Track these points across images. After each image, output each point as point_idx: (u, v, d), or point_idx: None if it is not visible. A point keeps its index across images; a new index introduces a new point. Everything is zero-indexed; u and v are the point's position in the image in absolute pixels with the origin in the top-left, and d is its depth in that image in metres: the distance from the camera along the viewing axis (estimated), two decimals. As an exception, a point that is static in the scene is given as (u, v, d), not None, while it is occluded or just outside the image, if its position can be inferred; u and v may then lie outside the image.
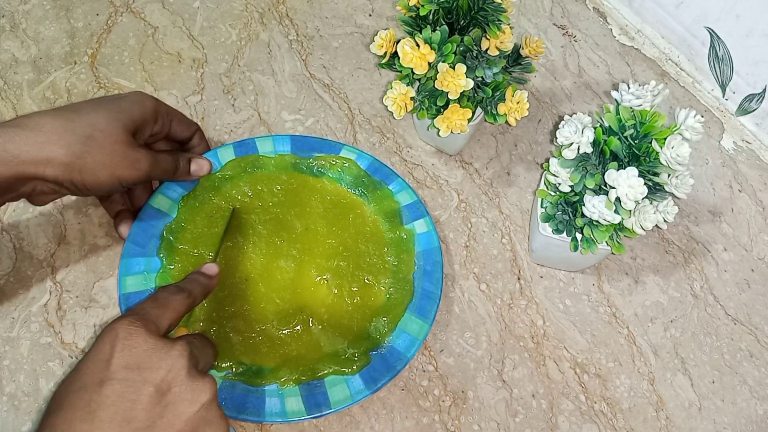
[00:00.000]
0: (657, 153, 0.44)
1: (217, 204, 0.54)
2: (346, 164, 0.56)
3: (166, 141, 0.52)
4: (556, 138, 0.47)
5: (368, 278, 0.52)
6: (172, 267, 0.51)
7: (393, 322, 0.50)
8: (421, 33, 0.48)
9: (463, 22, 0.50)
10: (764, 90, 0.62)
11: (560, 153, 0.46)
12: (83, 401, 0.33)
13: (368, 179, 0.56)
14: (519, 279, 0.55)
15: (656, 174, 0.45)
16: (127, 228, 0.51)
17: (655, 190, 0.45)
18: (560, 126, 0.47)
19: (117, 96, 0.47)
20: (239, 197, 0.54)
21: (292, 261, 0.52)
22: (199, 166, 0.52)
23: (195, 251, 0.52)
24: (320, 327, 0.50)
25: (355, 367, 0.48)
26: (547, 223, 0.51)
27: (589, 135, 0.46)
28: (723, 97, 0.67)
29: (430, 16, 0.50)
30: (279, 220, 0.53)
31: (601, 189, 0.46)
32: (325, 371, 0.48)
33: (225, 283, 0.50)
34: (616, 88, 0.48)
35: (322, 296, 0.51)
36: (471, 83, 0.48)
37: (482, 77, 0.50)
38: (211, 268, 0.46)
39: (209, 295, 0.49)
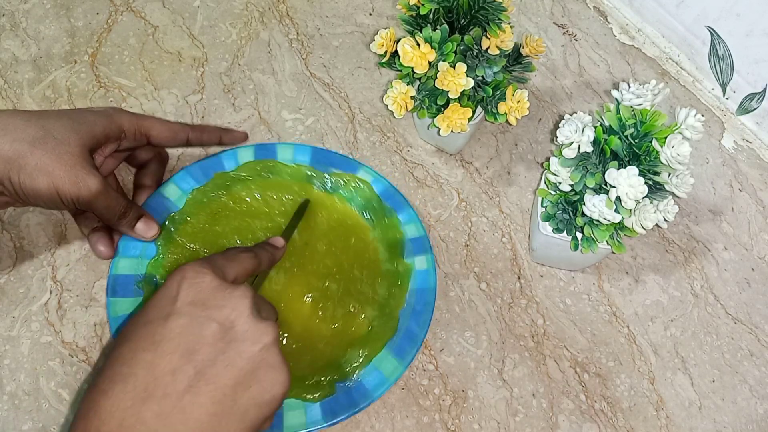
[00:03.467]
0: (657, 152, 0.44)
1: (225, 203, 0.54)
2: (361, 185, 0.55)
3: (143, 167, 0.52)
4: (557, 137, 0.47)
5: (354, 306, 0.50)
6: (165, 257, 0.51)
7: (368, 357, 0.48)
8: (421, 32, 0.48)
9: (463, 21, 0.50)
10: (765, 89, 0.62)
11: (560, 152, 0.46)
12: (149, 333, 0.35)
13: (379, 204, 0.55)
14: (519, 278, 0.55)
15: (657, 173, 0.45)
16: (105, 247, 0.49)
17: (655, 190, 0.45)
18: (560, 125, 0.47)
19: (89, 108, 0.46)
20: (248, 199, 0.54)
21: (283, 273, 0.51)
22: (147, 227, 0.48)
23: (191, 245, 0.52)
24: (294, 346, 0.48)
25: (317, 395, 0.46)
26: (547, 222, 0.51)
27: (590, 134, 0.46)
28: (723, 96, 0.66)
29: (431, 15, 0.50)
30: (281, 230, 0.53)
31: (602, 188, 0.46)
32: None
33: None
34: (616, 87, 0.48)
35: (304, 315, 0.50)
36: (471, 82, 0.48)
37: (482, 76, 0.50)
38: (278, 241, 0.48)
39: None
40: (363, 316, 0.50)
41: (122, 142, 0.47)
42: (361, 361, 0.48)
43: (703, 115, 0.44)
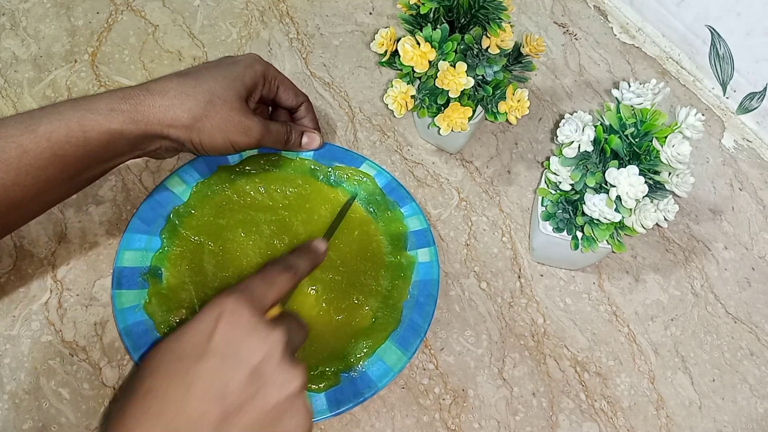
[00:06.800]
0: (658, 151, 0.44)
1: (229, 196, 0.54)
2: (364, 179, 0.56)
3: (276, 108, 0.55)
4: (557, 136, 0.47)
5: (358, 298, 0.51)
6: (169, 250, 0.51)
7: (372, 347, 0.49)
8: (421, 31, 0.48)
9: (463, 20, 0.50)
10: (765, 88, 0.62)
11: (561, 151, 0.46)
12: (181, 371, 0.35)
13: (382, 198, 0.55)
14: (519, 277, 0.55)
15: (657, 172, 0.45)
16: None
17: (655, 189, 0.45)
18: (561, 124, 0.47)
19: (232, 60, 0.50)
20: (252, 193, 0.54)
21: None
22: (310, 140, 0.55)
23: (195, 238, 0.52)
24: None
25: (322, 386, 0.47)
26: (547, 222, 0.51)
27: (590, 133, 0.46)
28: (724, 95, 0.66)
29: (431, 15, 0.50)
30: (284, 224, 0.53)
31: (602, 187, 0.46)
32: None
33: (217, 276, 0.51)
34: (616, 86, 0.48)
35: (308, 307, 0.50)
36: (471, 81, 0.48)
37: (483, 75, 0.50)
38: (321, 245, 0.48)
39: (201, 285, 0.50)
40: (367, 307, 0.51)
41: (263, 90, 0.51)
42: (365, 351, 0.49)
43: (703, 115, 0.44)
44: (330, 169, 0.56)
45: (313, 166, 0.56)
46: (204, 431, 0.34)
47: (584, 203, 0.46)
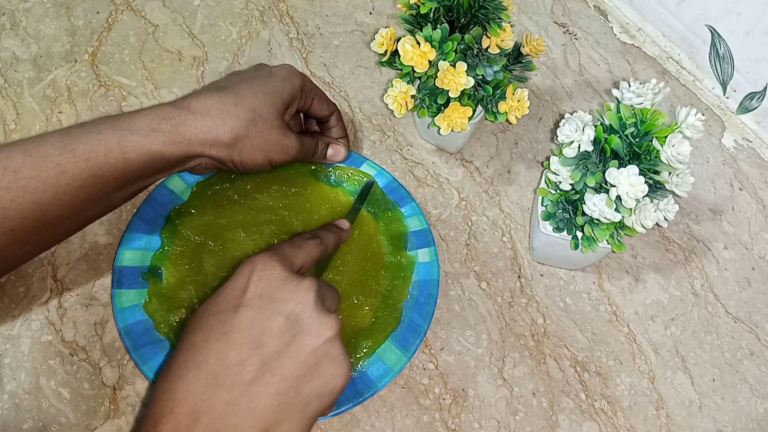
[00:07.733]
0: (658, 151, 0.44)
1: (230, 196, 0.54)
2: (365, 179, 0.56)
3: (306, 117, 0.55)
4: (557, 136, 0.47)
5: (358, 298, 0.51)
6: (170, 249, 0.51)
7: (372, 347, 0.49)
8: (421, 31, 0.48)
9: (463, 20, 0.50)
10: (765, 88, 0.62)
11: (561, 151, 0.46)
12: (219, 323, 0.36)
13: (382, 198, 0.55)
14: (519, 277, 0.55)
15: (657, 172, 0.45)
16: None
17: (655, 189, 0.45)
18: (561, 124, 0.47)
19: (268, 73, 0.49)
20: (252, 192, 0.54)
21: None
22: (335, 152, 0.55)
23: (196, 238, 0.52)
24: None
25: None
26: (547, 222, 0.51)
27: (590, 133, 0.46)
28: (724, 95, 0.66)
29: (431, 14, 0.50)
30: (285, 223, 0.53)
31: (602, 187, 0.46)
32: None
33: (217, 276, 0.51)
34: (616, 86, 0.48)
35: None
36: (471, 81, 0.48)
37: (483, 75, 0.50)
38: (344, 223, 0.51)
39: (201, 285, 0.50)
40: (367, 307, 0.51)
41: (299, 103, 0.51)
42: (365, 351, 0.49)
43: (703, 114, 0.44)
44: (330, 169, 0.56)
45: (313, 166, 0.56)
46: (244, 378, 0.35)
47: (584, 203, 0.46)
